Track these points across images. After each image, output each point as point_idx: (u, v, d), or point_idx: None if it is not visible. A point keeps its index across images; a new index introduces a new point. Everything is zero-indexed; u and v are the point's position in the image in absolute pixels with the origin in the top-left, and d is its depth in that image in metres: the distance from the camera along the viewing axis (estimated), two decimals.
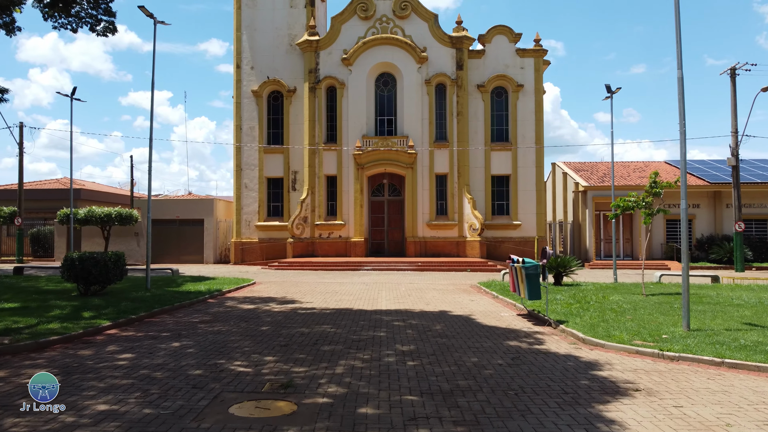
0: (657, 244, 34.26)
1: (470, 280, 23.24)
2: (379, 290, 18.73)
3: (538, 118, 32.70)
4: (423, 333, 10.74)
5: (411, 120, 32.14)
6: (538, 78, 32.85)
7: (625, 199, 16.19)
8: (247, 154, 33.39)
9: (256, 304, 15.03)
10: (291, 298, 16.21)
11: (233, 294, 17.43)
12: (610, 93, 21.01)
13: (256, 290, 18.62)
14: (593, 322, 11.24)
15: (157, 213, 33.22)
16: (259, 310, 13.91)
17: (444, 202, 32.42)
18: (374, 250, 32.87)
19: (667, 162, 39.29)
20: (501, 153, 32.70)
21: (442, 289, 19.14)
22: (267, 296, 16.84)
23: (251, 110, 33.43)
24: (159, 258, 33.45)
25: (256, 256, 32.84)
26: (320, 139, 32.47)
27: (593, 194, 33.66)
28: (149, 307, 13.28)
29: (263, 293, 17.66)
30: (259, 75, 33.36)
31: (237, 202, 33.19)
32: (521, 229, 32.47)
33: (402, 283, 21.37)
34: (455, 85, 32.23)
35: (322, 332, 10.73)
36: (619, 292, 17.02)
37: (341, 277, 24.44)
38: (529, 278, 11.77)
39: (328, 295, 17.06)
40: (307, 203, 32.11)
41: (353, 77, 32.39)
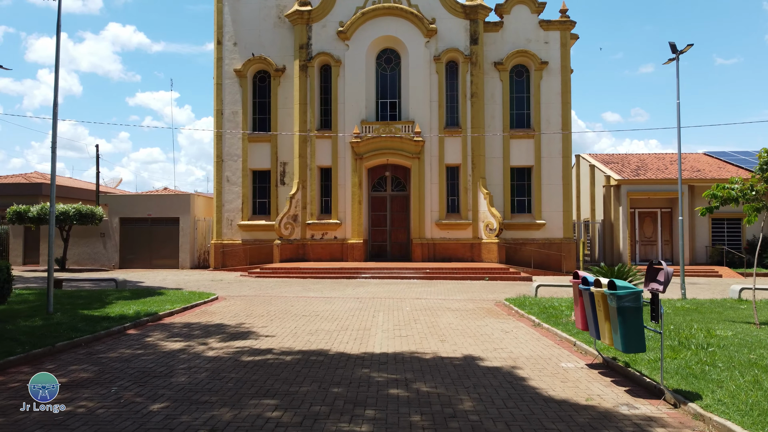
0: (701, 246, 28.99)
1: (491, 292, 18.11)
2: (375, 311, 13.64)
3: (565, 100, 27.49)
4: (442, 424, 5.66)
5: (417, 103, 27.03)
6: (564, 54, 27.63)
7: (725, 186, 11.03)
8: (229, 143, 28.36)
9: (191, 339, 9.98)
10: (248, 328, 11.14)
11: (173, 319, 12.38)
12: (676, 53, 15.82)
13: (210, 311, 13.58)
14: (748, 397, 6.10)
15: (126, 211, 28.32)
16: (185, 353, 8.85)
17: (456, 197, 27.30)
18: (375, 254, 27.77)
19: (707, 153, 33.98)
20: (522, 141, 27.52)
21: (459, 309, 14.04)
22: (217, 323, 11.79)
23: (234, 93, 28.41)
24: (129, 263, 28.51)
25: (239, 260, 27.83)
26: (312, 126, 27.40)
27: (628, 189, 28.43)
28: (8, 351, 8.26)
29: (215, 317, 12.61)
30: (243, 52, 28.34)
31: (217, 198, 28.18)
32: (545, 229, 27.27)
33: (406, 299, 16.27)
34: (469, 62, 27.08)
35: (253, 423, 5.65)
36: (712, 317, 11.85)
37: (332, 288, 19.37)
38: (625, 316, 6.63)
39: (304, 322, 11.99)
40: (297, 199, 27.06)
41: (351, 54, 27.31)
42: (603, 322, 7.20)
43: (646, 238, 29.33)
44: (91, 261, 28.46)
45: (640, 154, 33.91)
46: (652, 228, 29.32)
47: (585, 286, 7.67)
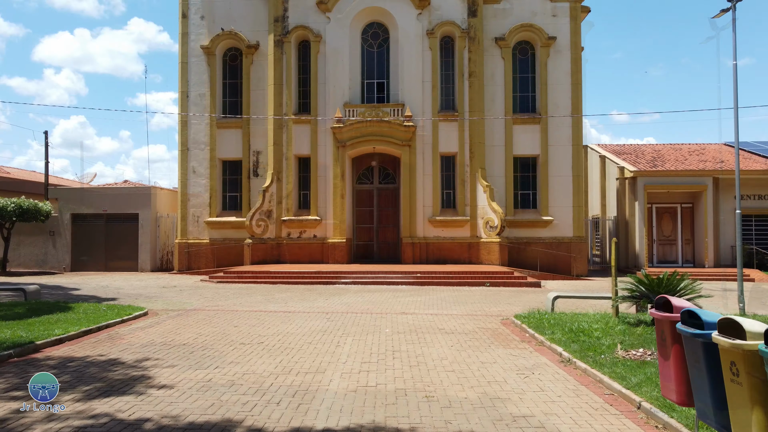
0: (726, 246, 25.38)
1: (495, 303, 14.50)
2: (343, 335, 10.02)
3: (575, 81, 23.88)
4: None
5: (408, 84, 23.40)
6: (575, 29, 24.01)
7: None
8: (196, 129, 24.67)
9: (39, 394, 6.33)
10: (145, 370, 7.49)
11: (55, 350, 8.72)
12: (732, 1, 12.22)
13: (119, 336, 9.93)
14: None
15: (79, 205, 24.63)
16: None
17: (452, 191, 23.68)
18: (360, 255, 24.14)
19: (727, 144, 30.41)
20: (526, 127, 23.90)
21: (455, 331, 10.43)
22: (111, 358, 8.16)
23: (201, 72, 24.71)
24: (82, 265, 24.82)
25: (206, 261, 24.16)
26: (289, 109, 23.73)
27: (645, 182, 24.81)
28: None
29: (117, 348, 8.95)
30: (212, 27, 24.64)
31: (182, 191, 24.49)
32: (553, 227, 23.66)
33: (389, 313, 12.65)
34: (466, 37, 23.46)
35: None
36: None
37: (302, 297, 15.73)
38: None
39: (235, 357, 8.37)
40: (272, 193, 23.40)
41: (333, 28, 23.66)
42: (743, 406, 3.57)
43: (664, 237, 25.75)
44: (39, 263, 24.76)
45: (654, 145, 30.38)
46: (671, 226, 25.74)
47: (691, 330, 4.05)
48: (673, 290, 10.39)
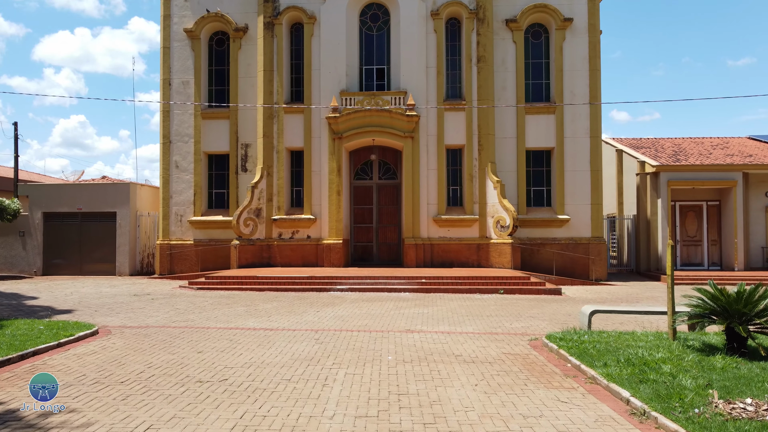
0: (756, 247, 23.04)
1: (516, 316, 12.12)
2: (333, 366, 7.66)
3: (593, 67, 21.53)
4: None
5: (411, 69, 21.04)
6: (592, 9, 21.66)
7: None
8: (179, 119, 22.31)
9: None
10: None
11: None
12: None
13: (45, 368, 7.57)
14: None
15: (52, 204, 22.28)
16: None
17: (459, 187, 21.34)
18: (358, 257, 21.79)
19: (751, 137, 28.07)
20: (540, 117, 21.56)
21: (476, 359, 8.08)
22: (9, 410, 5.81)
23: (184, 58, 22.35)
24: (55, 268, 22.46)
25: (190, 264, 21.80)
26: (281, 98, 21.38)
27: (668, 177, 22.45)
28: None
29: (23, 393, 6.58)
30: (197, 8, 22.28)
31: (164, 188, 22.13)
32: (569, 226, 21.32)
33: (392, 332, 10.29)
34: (474, 18, 21.12)
35: None
36: None
37: (289, 309, 13.37)
38: None
39: (192, 402, 6.03)
40: (262, 189, 21.05)
41: (328, 8, 21.30)
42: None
43: (688, 237, 23.40)
44: (8, 266, 22.39)
45: (673, 139, 27.98)
46: (696, 225, 23.40)
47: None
48: (752, 308, 8.03)
